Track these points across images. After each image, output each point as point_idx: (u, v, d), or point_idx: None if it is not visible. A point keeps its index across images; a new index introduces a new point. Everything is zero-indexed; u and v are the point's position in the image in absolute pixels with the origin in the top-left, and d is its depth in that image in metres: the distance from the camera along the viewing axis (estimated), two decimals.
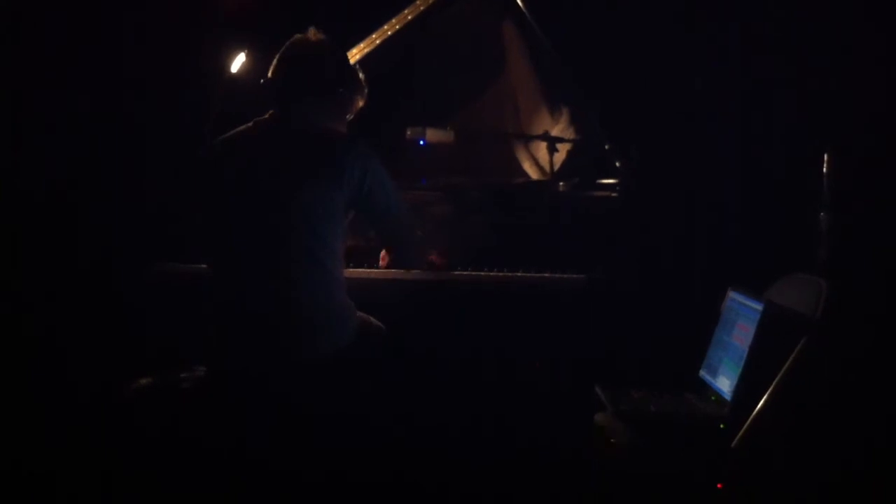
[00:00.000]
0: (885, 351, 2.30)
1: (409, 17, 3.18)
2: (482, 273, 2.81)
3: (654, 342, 2.79)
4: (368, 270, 2.82)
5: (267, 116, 2.48)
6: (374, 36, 3.15)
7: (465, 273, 2.81)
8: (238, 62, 3.13)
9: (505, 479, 2.70)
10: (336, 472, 2.38)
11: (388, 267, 2.83)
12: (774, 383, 2.21)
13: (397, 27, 3.17)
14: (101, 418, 2.61)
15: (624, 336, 2.76)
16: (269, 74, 2.50)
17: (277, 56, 2.50)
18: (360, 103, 2.61)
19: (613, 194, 2.98)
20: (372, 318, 2.54)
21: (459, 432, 2.76)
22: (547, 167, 3.16)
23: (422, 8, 3.18)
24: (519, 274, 2.80)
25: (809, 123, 3.12)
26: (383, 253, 2.84)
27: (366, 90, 2.60)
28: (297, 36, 2.52)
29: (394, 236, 2.61)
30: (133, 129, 3.41)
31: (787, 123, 3.23)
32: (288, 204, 2.35)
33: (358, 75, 2.59)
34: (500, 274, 2.81)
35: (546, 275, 2.79)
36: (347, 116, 2.58)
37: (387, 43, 3.16)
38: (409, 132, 3.06)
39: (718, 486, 2.21)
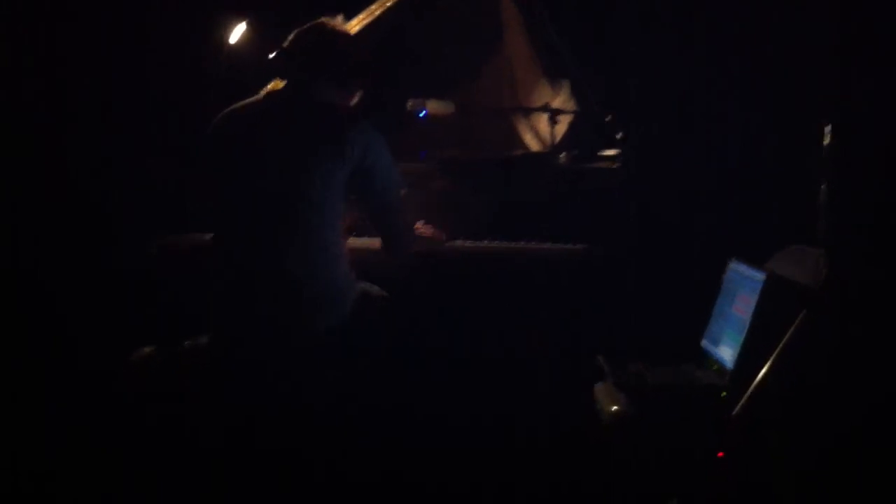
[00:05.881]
0: (884, 322, 2.31)
1: None
2: (483, 244, 2.82)
3: (656, 312, 2.79)
4: (370, 240, 2.79)
5: (277, 88, 2.48)
6: (373, 7, 3.13)
7: (466, 244, 2.81)
8: (237, 32, 3.12)
9: (507, 446, 2.72)
10: (332, 445, 2.39)
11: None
12: (775, 353, 2.21)
13: None
14: (100, 390, 2.63)
15: (626, 306, 2.76)
16: (286, 46, 2.49)
17: (296, 31, 2.50)
18: (360, 95, 2.59)
19: (614, 165, 2.97)
20: (374, 287, 2.54)
21: (463, 400, 2.77)
22: (548, 139, 3.16)
23: None
24: (520, 244, 2.80)
25: (810, 95, 3.12)
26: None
27: (370, 81, 2.60)
28: (324, 18, 2.52)
29: (382, 220, 2.56)
30: (137, 101, 3.40)
31: (788, 95, 3.23)
32: (291, 175, 2.36)
33: (370, 68, 2.59)
34: (501, 245, 2.81)
35: (547, 245, 2.80)
36: (351, 102, 2.58)
37: (386, 14, 3.14)
38: (409, 104, 3.04)
39: (719, 454, 2.22)
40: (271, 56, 2.50)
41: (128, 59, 3.44)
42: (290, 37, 2.49)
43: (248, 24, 3.13)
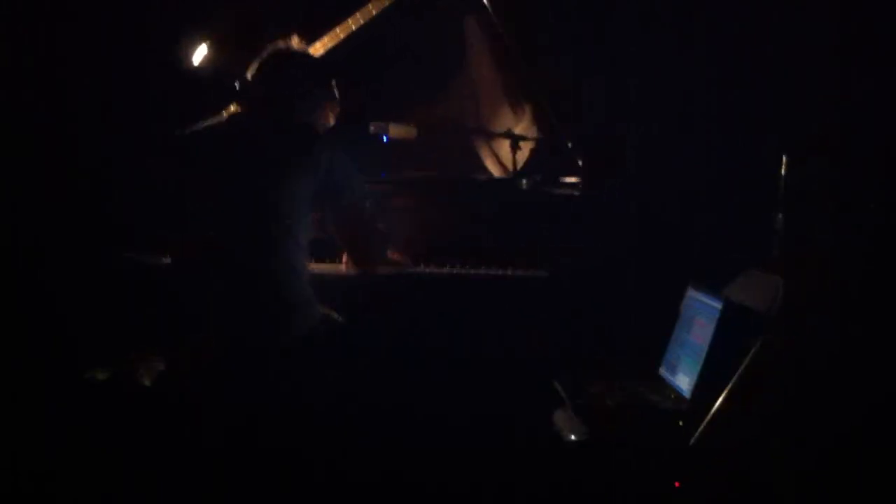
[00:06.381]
0: (841, 348, 2.29)
1: (373, 12, 3.17)
2: (444, 270, 2.84)
3: (613, 339, 2.79)
4: (330, 265, 2.83)
5: (240, 109, 2.50)
6: (337, 30, 3.15)
7: (427, 270, 2.84)
8: (199, 54, 3.14)
9: (463, 472, 2.67)
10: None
11: (349, 265, 2.82)
12: (732, 381, 2.21)
13: (361, 21, 3.17)
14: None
15: (584, 333, 2.77)
16: (249, 76, 2.51)
17: (258, 60, 2.53)
18: (332, 119, 2.63)
19: (576, 193, 2.99)
20: (333, 312, 2.56)
21: (415, 430, 2.74)
22: (509, 165, 3.17)
23: (386, 3, 3.17)
24: (480, 271, 2.83)
25: (768, 125, 3.12)
26: (345, 257, 2.82)
27: (338, 107, 2.63)
28: (280, 42, 2.54)
29: (354, 227, 2.59)
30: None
31: (747, 125, 3.22)
32: (256, 194, 2.39)
33: (335, 89, 2.60)
34: (461, 271, 2.83)
35: (507, 272, 2.82)
36: (320, 125, 2.59)
37: (350, 38, 3.16)
38: (372, 127, 3.07)
39: (676, 484, 2.21)
40: (236, 85, 2.53)
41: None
42: (252, 67, 2.53)
43: (208, 46, 3.14)
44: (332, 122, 2.64)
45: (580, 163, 3.03)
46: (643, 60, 3.36)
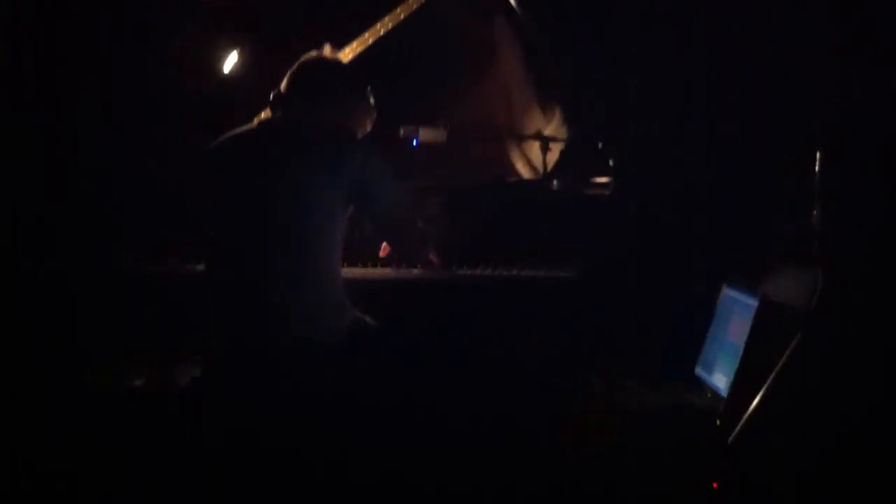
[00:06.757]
0: (878, 344, 2.28)
1: (402, 16, 3.18)
2: (476, 272, 2.84)
3: (650, 339, 2.79)
4: (364, 270, 2.84)
5: (271, 117, 2.50)
6: (366, 35, 3.16)
7: (461, 273, 2.83)
8: (230, 62, 3.15)
9: (496, 471, 2.67)
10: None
11: (388, 257, 2.81)
12: (770, 379, 2.20)
13: (390, 26, 3.17)
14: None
15: (620, 334, 2.76)
16: (282, 87, 2.52)
17: (290, 70, 2.53)
18: (368, 126, 2.62)
19: (607, 192, 2.98)
20: (367, 317, 2.55)
21: (452, 426, 2.75)
22: (540, 167, 3.17)
23: (414, 6, 3.18)
24: (514, 273, 2.82)
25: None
26: (384, 244, 2.83)
27: (374, 113, 2.63)
28: (312, 52, 2.54)
29: (393, 224, 2.60)
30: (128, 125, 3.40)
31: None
32: (288, 199, 2.38)
33: (370, 97, 2.60)
34: (495, 273, 2.83)
35: (541, 273, 2.81)
36: (357, 131, 2.59)
37: (379, 42, 3.17)
38: (402, 131, 3.07)
39: (714, 484, 2.19)
40: (271, 96, 2.53)
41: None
42: (284, 80, 2.53)
43: (239, 53, 3.15)
44: (368, 128, 2.64)
45: (610, 162, 3.02)
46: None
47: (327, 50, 2.60)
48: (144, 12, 3.46)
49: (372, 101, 2.63)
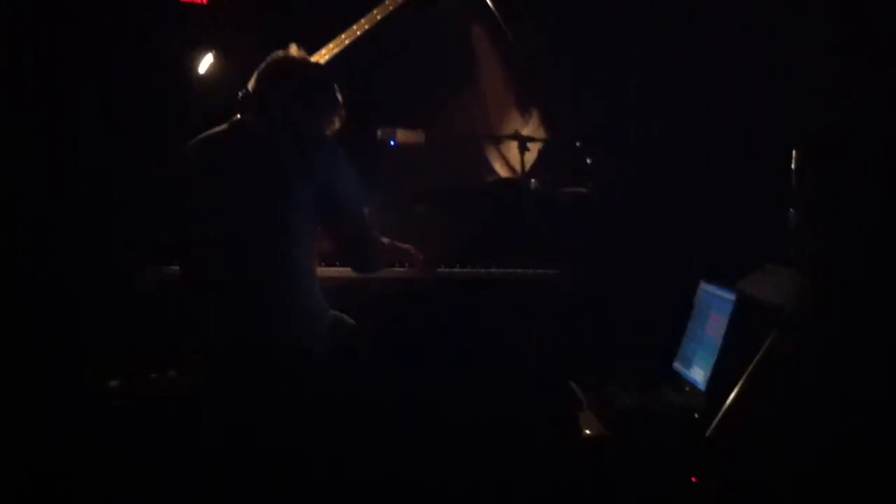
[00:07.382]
0: (855, 341, 2.29)
1: (379, 18, 3.17)
2: (455, 270, 2.85)
3: (628, 335, 2.80)
4: (341, 269, 2.81)
5: (242, 118, 2.50)
6: (342, 36, 3.15)
7: (440, 270, 2.84)
8: (206, 63, 3.14)
9: (479, 472, 2.69)
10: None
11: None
12: (747, 373, 2.21)
13: (366, 27, 3.16)
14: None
15: (598, 330, 2.77)
16: (250, 87, 2.51)
17: (258, 70, 2.53)
18: (337, 124, 2.61)
19: (585, 191, 2.98)
20: (345, 316, 2.54)
21: (433, 428, 2.76)
22: (518, 167, 3.17)
23: (391, 8, 3.17)
24: (493, 270, 2.83)
25: (768, 125, 3.12)
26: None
27: (343, 112, 2.62)
28: (279, 52, 2.54)
29: (349, 234, 2.56)
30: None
31: (756, 120, 3.23)
32: (262, 202, 2.38)
33: (337, 95, 2.60)
34: (475, 270, 2.84)
35: (519, 271, 2.82)
36: (325, 130, 2.59)
37: (355, 44, 3.16)
38: (379, 133, 3.07)
39: (693, 479, 2.20)
40: (240, 95, 2.53)
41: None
42: (252, 79, 2.52)
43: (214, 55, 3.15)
44: (336, 126, 2.63)
45: (588, 161, 3.02)
46: (643, 60, 3.36)
47: (294, 49, 2.60)
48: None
49: (340, 98, 2.62)
